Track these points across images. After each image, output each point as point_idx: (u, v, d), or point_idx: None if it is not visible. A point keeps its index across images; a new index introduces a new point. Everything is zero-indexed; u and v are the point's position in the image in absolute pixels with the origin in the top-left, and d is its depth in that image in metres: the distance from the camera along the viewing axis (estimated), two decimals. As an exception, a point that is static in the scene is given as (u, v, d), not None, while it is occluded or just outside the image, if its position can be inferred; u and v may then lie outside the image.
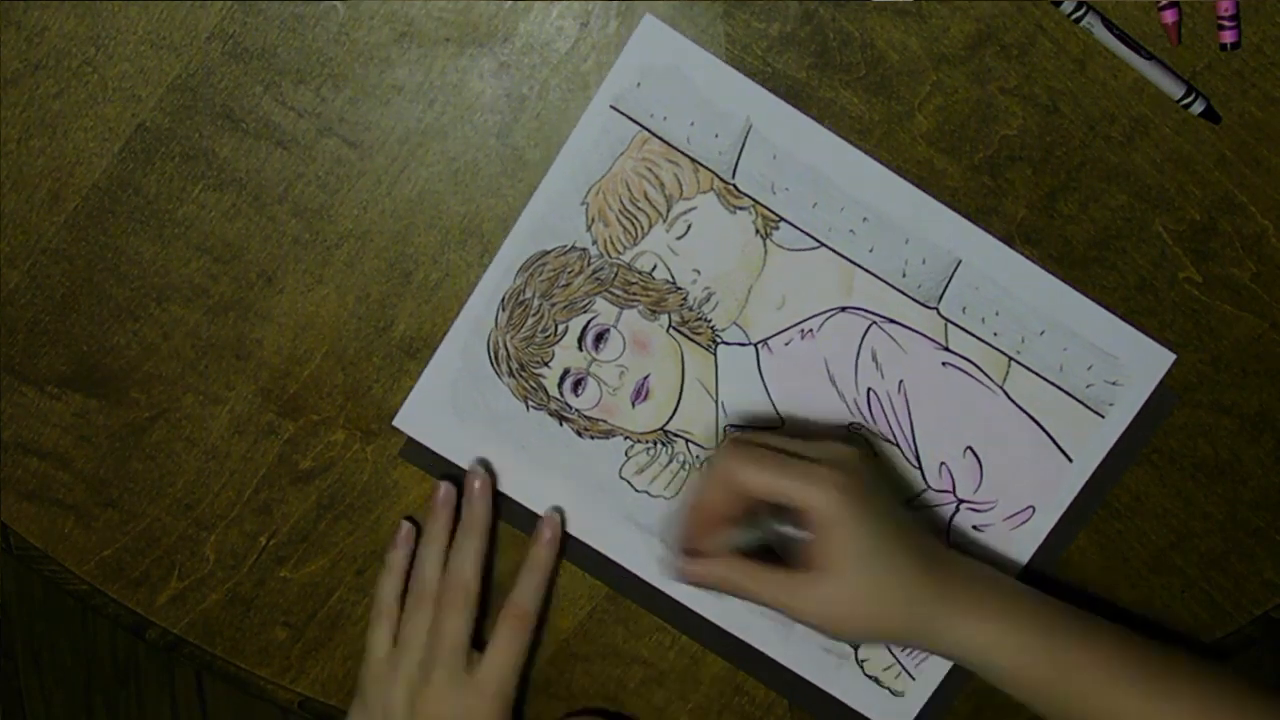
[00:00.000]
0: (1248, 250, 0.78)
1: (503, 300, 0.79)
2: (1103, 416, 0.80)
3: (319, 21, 0.77)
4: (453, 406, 0.80)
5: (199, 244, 0.79)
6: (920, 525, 0.74)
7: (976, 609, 0.71)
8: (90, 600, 0.84)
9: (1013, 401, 0.79)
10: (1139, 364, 0.79)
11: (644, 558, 0.81)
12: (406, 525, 0.81)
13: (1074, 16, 0.74)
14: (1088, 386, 0.79)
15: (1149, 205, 0.77)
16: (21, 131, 0.78)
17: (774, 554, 0.73)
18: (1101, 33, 0.74)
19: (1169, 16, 0.74)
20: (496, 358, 0.79)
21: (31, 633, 1.56)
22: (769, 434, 0.74)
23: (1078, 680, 0.71)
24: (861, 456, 0.71)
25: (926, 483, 0.80)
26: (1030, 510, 0.81)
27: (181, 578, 0.83)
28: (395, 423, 0.80)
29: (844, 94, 0.77)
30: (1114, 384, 0.79)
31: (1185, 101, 0.75)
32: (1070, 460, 0.80)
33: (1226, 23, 0.74)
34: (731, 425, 0.79)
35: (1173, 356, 0.78)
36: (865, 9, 0.75)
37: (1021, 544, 0.81)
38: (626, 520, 0.80)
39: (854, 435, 0.79)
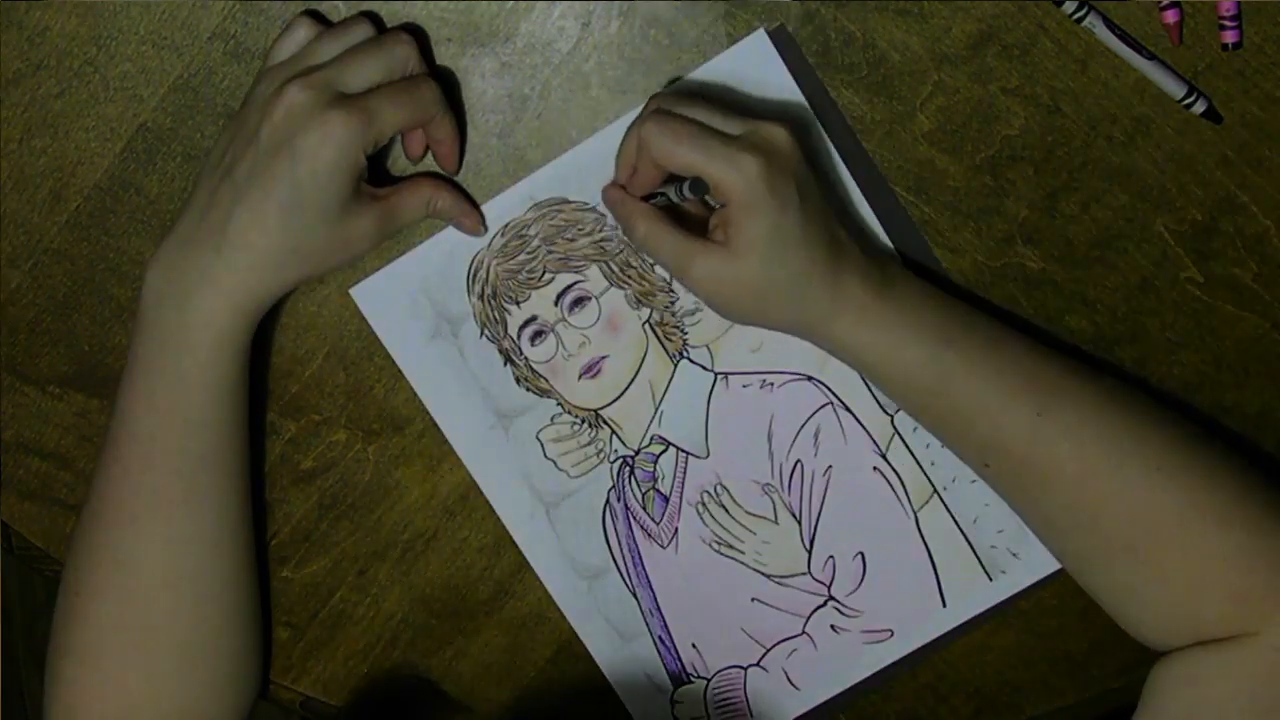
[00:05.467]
0: (1249, 250, 0.78)
1: (506, 226, 0.78)
2: (991, 579, 0.81)
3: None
4: (411, 300, 0.79)
5: (201, 244, 0.79)
6: (832, 216, 0.70)
7: (867, 313, 0.70)
8: (92, 600, 0.84)
9: (919, 530, 0.80)
10: (1043, 548, 0.78)
11: (524, 517, 0.81)
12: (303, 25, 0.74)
13: (1076, 16, 0.74)
14: (990, 547, 0.80)
15: (1150, 205, 0.77)
16: (23, 131, 0.78)
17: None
18: (1103, 33, 0.74)
19: (1170, 16, 0.74)
20: (474, 276, 0.78)
21: (33, 633, 1.56)
22: (698, 102, 0.71)
23: (960, 394, 0.71)
24: (790, 138, 0.69)
25: (809, 568, 0.81)
26: (889, 633, 0.81)
27: (183, 578, 0.83)
28: (351, 291, 0.79)
29: (846, 94, 0.77)
30: (1014, 555, 0.80)
31: (1187, 101, 0.75)
32: (944, 605, 0.81)
33: (1228, 23, 0.74)
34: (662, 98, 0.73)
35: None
36: (867, 9, 0.75)
37: (866, 660, 0.82)
38: (521, 477, 0.80)
39: (787, 113, 0.74)
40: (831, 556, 0.81)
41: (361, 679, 0.84)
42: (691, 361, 0.79)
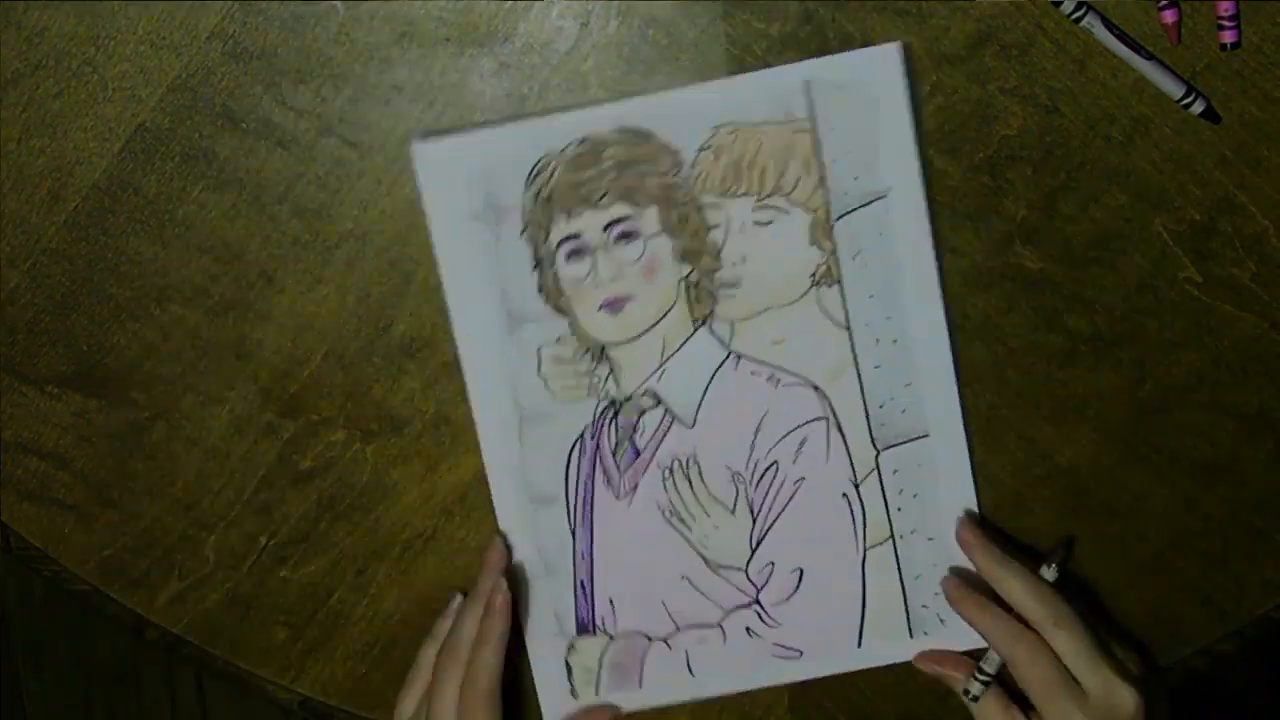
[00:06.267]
0: (1248, 250, 0.78)
1: (585, 138, 0.77)
2: (911, 637, 0.81)
3: (319, 21, 0.77)
4: (467, 176, 0.77)
5: (199, 244, 0.79)
6: None
7: None
8: (90, 600, 0.84)
9: (863, 568, 0.81)
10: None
11: (497, 422, 0.80)
12: (458, 598, 0.81)
13: (1074, 16, 0.74)
14: (922, 606, 0.81)
15: (1149, 205, 0.77)
16: (22, 131, 0.78)
17: None
18: (1101, 33, 0.74)
19: (1169, 16, 0.74)
20: (536, 173, 0.77)
21: (31, 633, 1.56)
22: (1077, 625, 0.74)
23: None
24: (1139, 705, 0.72)
25: (747, 567, 0.81)
26: (798, 654, 0.82)
27: (181, 578, 0.83)
28: (415, 145, 0.77)
29: (844, 94, 0.77)
30: (941, 621, 0.81)
31: (1185, 101, 0.75)
32: (859, 645, 0.81)
33: (1227, 23, 0.74)
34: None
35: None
36: (866, 9, 0.75)
37: (768, 671, 0.82)
38: (508, 382, 0.79)
39: (1144, 681, 0.75)
40: (772, 563, 0.81)
41: (360, 679, 0.84)
42: (711, 332, 0.79)
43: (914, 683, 0.84)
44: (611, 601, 0.81)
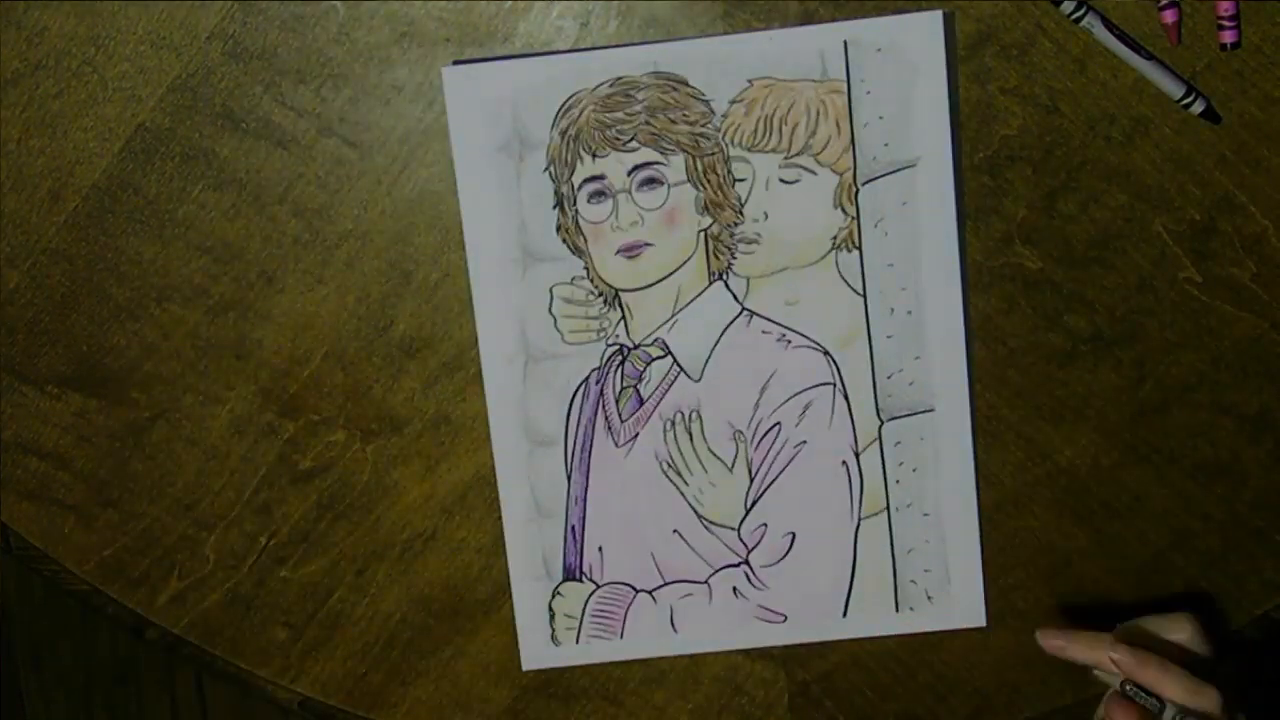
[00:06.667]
0: (1248, 250, 0.78)
1: (618, 79, 0.77)
2: (897, 611, 0.81)
3: (319, 21, 0.77)
4: (496, 104, 0.77)
5: (199, 244, 0.79)
6: None
7: None
8: (90, 600, 0.84)
9: (855, 537, 0.80)
10: (963, 601, 0.81)
11: (503, 357, 0.79)
12: None
13: (1074, 16, 0.74)
14: (911, 581, 0.81)
15: (1149, 205, 0.77)
16: (22, 131, 0.78)
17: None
18: (1101, 33, 0.74)
19: (1169, 16, 0.74)
20: (565, 110, 0.77)
21: (31, 633, 1.56)
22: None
23: None
24: None
25: (740, 526, 0.81)
26: (782, 618, 0.81)
27: (181, 578, 0.83)
28: (445, 70, 0.77)
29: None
30: (929, 598, 0.81)
31: (1185, 101, 0.75)
32: (845, 615, 0.81)
33: (1226, 23, 0.74)
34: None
35: (983, 623, 0.81)
36: (865, 9, 0.75)
37: (750, 633, 0.82)
38: (518, 318, 0.79)
39: None
40: (765, 525, 0.81)
41: (360, 679, 0.84)
42: (726, 287, 0.79)
43: (914, 682, 0.84)
44: (601, 549, 0.81)
